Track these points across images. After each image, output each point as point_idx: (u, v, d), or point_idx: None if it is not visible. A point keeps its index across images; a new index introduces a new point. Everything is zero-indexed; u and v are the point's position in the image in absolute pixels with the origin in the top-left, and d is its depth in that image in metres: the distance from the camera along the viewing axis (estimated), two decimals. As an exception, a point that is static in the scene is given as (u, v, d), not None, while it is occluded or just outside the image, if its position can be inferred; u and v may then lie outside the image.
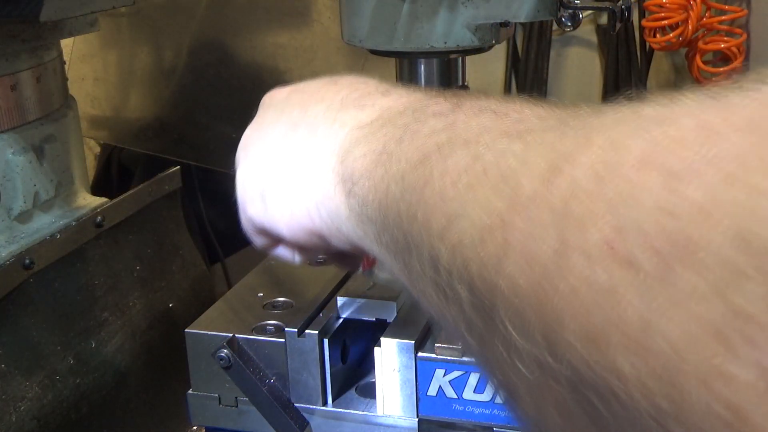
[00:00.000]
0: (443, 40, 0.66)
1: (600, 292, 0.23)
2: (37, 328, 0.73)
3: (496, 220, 0.28)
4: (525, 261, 0.26)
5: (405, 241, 0.37)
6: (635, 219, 0.22)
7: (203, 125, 1.25)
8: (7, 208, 0.74)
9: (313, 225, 0.48)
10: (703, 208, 0.21)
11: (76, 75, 1.25)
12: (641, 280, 0.22)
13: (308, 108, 0.50)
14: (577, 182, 0.25)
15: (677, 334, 0.21)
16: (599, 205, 0.24)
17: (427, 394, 0.61)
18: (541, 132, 0.31)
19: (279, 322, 0.67)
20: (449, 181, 0.33)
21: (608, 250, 0.23)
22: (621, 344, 0.22)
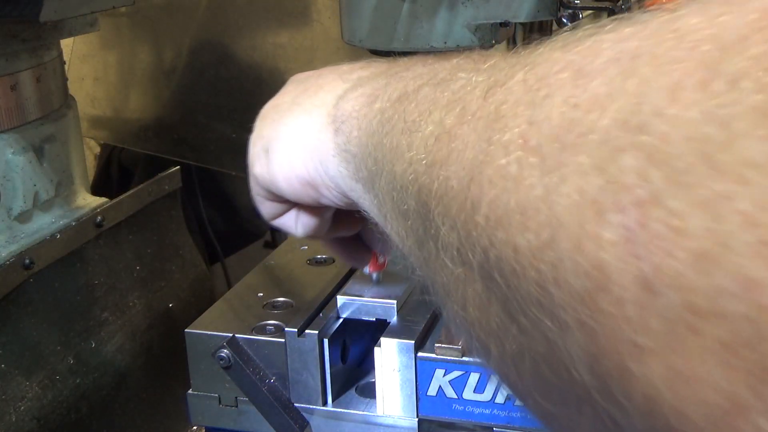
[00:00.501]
0: (443, 40, 0.66)
1: (510, 179, 0.26)
2: (37, 328, 0.73)
3: (444, 134, 0.32)
4: (458, 164, 0.30)
5: (374, 168, 0.40)
6: (546, 114, 0.25)
7: (203, 125, 1.24)
8: (7, 208, 0.74)
9: (307, 173, 0.50)
10: (598, 99, 0.23)
11: (76, 75, 1.25)
12: (542, 165, 0.24)
13: (322, 76, 0.55)
14: (509, 91, 0.28)
15: (562, 206, 0.23)
16: (521, 107, 0.27)
17: (427, 394, 0.61)
18: (497, 61, 0.34)
19: (279, 322, 0.67)
20: (415, 109, 0.36)
21: (522, 143, 0.26)
22: (519, 222, 0.25)
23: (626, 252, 0.21)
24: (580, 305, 0.22)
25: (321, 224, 0.58)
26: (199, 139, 1.26)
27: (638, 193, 0.21)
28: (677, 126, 0.20)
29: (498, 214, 0.26)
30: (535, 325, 0.25)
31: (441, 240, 0.31)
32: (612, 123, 0.22)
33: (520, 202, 0.25)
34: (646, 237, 0.20)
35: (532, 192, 0.25)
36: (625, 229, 0.21)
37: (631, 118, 0.22)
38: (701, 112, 0.20)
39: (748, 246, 0.18)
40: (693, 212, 0.20)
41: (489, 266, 0.27)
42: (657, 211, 0.20)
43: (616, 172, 0.22)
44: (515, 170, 0.25)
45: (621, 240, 0.21)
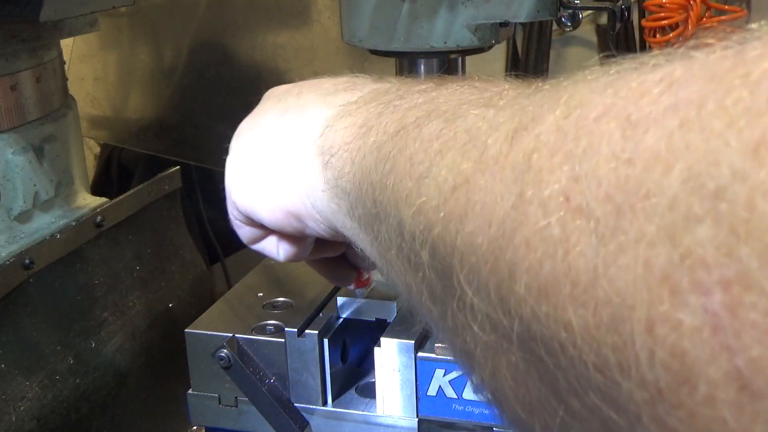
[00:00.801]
0: (443, 40, 0.66)
1: (552, 243, 0.23)
2: (37, 328, 0.73)
3: (460, 180, 0.28)
4: (484, 218, 0.26)
5: (375, 211, 0.37)
6: (592, 169, 0.22)
7: (203, 125, 1.24)
8: (7, 208, 0.74)
9: (291, 205, 0.48)
10: (658, 155, 0.20)
11: (76, 75, 1.25)
12: (593, 229, 0.21)
13: (302, 95, 0.51)
14: (539, 138, 0.25)
15: (625, 281, 0.20)
16: (558, 157, 0.24)
17: (427, 394, 0.61)
18: (514, 98, 0.31)
19: (279, 322, 0.67)
20: (421, 148, 0.33)
21: (564, 201, 0.23)
22: (570, 295, 0.22)
23: (715, 342, 0.18)
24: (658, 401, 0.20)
25: (303, 249, 0.55)
26: (199, 139, 1.26)
27: (723, 272, 0.18)
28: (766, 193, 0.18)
29: (541, 283, 0.23)
30: (593, 412, 0.22)
31: (466, 303, 0.28)
32: (681, 185, 0.19)
33: (570, 272, 0.22)
34: (737, 325, 0.18)
35: (583, 261, 0.22)
36: (711, 314, 0.18)
37: (706, 181, 0.19)
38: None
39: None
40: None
41: (531, 341, 0.24)
42: (749, 294, 0.18)
43: (691, 244, 0.19)
44: (559, 234, 0.23)
45: (706, 327, 0.18)
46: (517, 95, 0.31)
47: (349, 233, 0.44)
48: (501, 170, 0.26)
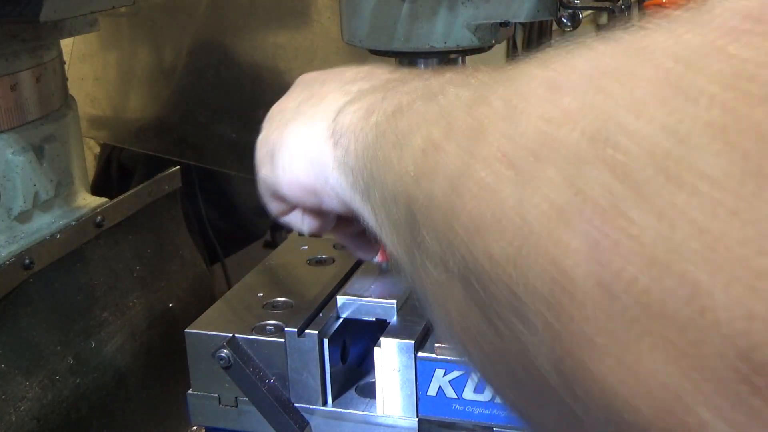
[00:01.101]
0: (443, 40, 0.66)
1: (488, 190, 0.27)
2: (37, 328, 0.73)
3: (430, 147, 0.34)
4: (443, 176, 0.31)
5: (370, 181, 0.43)
6: (522, 128, 0.27)
7: (203, 125, 1.24)
8: (7, 208, 0.74)
9: (309, 181, 0.53)
10: (570, 114, 0.25)
11: (76, 75, 1.25)
12: (517, 177, 0.26)
13: (325, 83, 0.57)
14: (491, 106, 0.30)
15: (533, 216, 0.25)
16: (501, 121, 0.28)
17: (427, 394, 0.61)
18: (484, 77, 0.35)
19: (279, 322, 0.67)
20: (407, 123, 0.38)
21: (500, 156, 0.27)
22: (496, 231, 0.26)
23: (590, 259, 0.22)
24: (547, 309, 0.24)
25: (326, 222, 0.61)
26: (199, 139, 1.26)
27: (602, 204, 0.22)
28: (639, 141, 0.22)
29: (476, 224, 0.28)
30: (509, 328, 0.26)
31: (426, 249, 0.32)
32: (580, 137, 0.24)
33: (496, 212, 0.26)
34: (607, 245, 0.22)
35: (506, 203, 0.26)
36: (589, 238, 0.22)
37: (597, 134, 0.23)
38: (661, 127, 0.21)
39: (695, 253, 0.20)
40: (649, 222, 0.21)
41: (468, 273, 0.29)
42: (618, 220, 0.22)
43: (582, 184, 0.23)
44: (493, 182, 0.27)
45: (585, 247, 0.22)
46: (488, 74, 0.36)
47: (356, 206, 0.48)
48: (460, 134, 0.31)
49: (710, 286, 0.19)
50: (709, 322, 0.19)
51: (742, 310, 0.19)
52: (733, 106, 0.20)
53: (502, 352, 0.28)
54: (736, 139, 0.19)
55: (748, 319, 0.19)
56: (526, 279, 0.25)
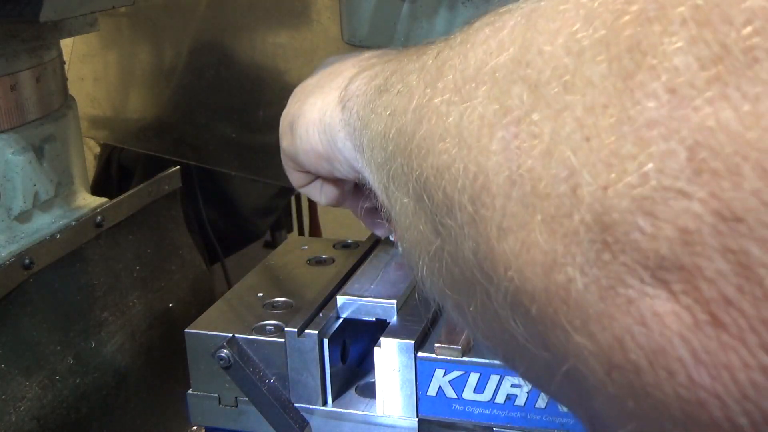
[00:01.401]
0: (443, 40, 0.66)
1: (439, 115, 0.31)
2: (37, 328, 0.73)
3: (405, 88, 0.38)
4: (411, 110, 0.35)
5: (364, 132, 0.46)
6: (469, 63, 0.31)
7: (203, 125, 1.24)
8: (6, 208, 0.74)
9: (322, 148, 0.57)
10: (504, 44, 0.29)
11: (76, 75, 1.25)
12: (461, 101, 0.30)
13: (344, 62, 0.61)
14: (452, 49, 0.34)
15: (468, 130, 0.29)
16: (457, 60, 0.32)
17: (427, 394, 0.61)
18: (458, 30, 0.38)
19: (279, 322, 0.67)
20: (398, 78, 0.42)
21: (453, 88, 0.31)
22: (440, 148, 0.31)
23: (503, 158, 0.27)
24: (470, 203, 0.28)
25: (342, 194, 0.65)
26: (199, 139, 1.26)
27: (516, 113, 0.26)
28: (549, 59, 0.26)
29: (427, 145, 0.32)
30: (446, 228, 0.31)
31: (394, 177, 0.37)
32: (508, 61, 0.28)
33: (442, 132, 0.31)
34: (515, 144, 0.26)
35: (450, 122, 0.30)
36: (504, 141, 0.27)
37: (521, 57, 0.27)
38: (565, 47, 0.25)
39: (575, 142, 0.24)
40: (546, 121, 0.25)
41: (420, 189, 0.33)
42: (525, 124, 0.26)
43: (505, 99, 0.27)
44: (443, 108, 0.31)
45: (501, 149, 0.27)
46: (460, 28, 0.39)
47: (359, 166, 0.52)
48: (427, 74, 0.36)
49: (581, 168, 0.23)
50: (577, 196, 0.23)
51: (599, 182, 0.23)
52: (614, 25, 0.24)
53: (442, 252, 0.32)
54: (614, 50, 0.23)
55: (603, 189, 0.23)
56: (457, 182, 0.29)
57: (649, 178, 0.22)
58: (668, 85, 0.22)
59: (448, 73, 0.33)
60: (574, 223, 0.24)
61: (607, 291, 0.23)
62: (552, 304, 0.25)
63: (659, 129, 0.22)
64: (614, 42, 0.24)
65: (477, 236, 0.28)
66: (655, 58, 0.22)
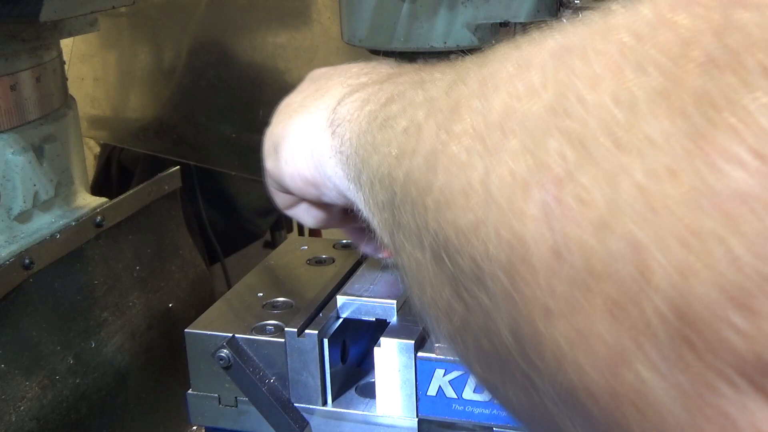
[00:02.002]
0: (443, 40, 0.66)
1: (459, 164, 0.28)
2: (37, 328, 0.73)
3: (412, 126, 0.35)
4: (420, 152, 0.32)
5: (360, 166, 0.43)
6: (492, 104, 0.27)
7: (203, 125, 1.24)
8: (6, 208, 0.74)
9: (309, 173, 0.54)
10: (534, 88, 0.25)
11: (76, 75, 1.25)
12: (485, 151, 0.27)
13: (331, 78, 0.58)
14: (467, 85, 0.31)
15: (495, 186, 0.25)
16: (475, 99, 0.29)
17: (427, 394, 0.61)
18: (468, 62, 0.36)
19: (279, 322, 0.67)
20: (397, 109, 0.39)
21: (471, 132, 0.28)
22: (463, 204, 0.27)
23: (543, 225, 0.23)
24: (505, 276, 0.25)
25: (330, 216, 0.62)
26: (199, 139, 1.26)
27: (557, 171, 0.23)
28: (593, 110, 0.23)
29: (446, 198, 0.29)
30: (474, 297, 0.27)
31: (404, 227, 0.34)
32: (542, 110, 0.25)
33: (464, 185, 0.27)
34: (559, 210, 0.23)
35: (474, 175, 0.27)
36: (544, 204, 0.23)
37: (557, 105, 0.24)
38: (612, 97, 0.22)
39: (637, 213, 0.20)
40: (597, 185, 0.22)
41: (438, 248, 0.29)
42: (570, 186, 0.22)
43: (542, 153, 0.24)
44: (464, 157, 0.28)
45: (540, 214, 0.23)
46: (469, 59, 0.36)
47: (351, 196, 0.49)
48: (439, 113, 0.32)
49: (649, 245, 0.20)
50: (647, 279, 0.20)
51: (676, 265, 0.19)
52: (675, 72, 0.21)
53: (469, 324, 0.29)
54: (676, 103, 0.20)
55: (682, 275, 0.19)
56: (487, 248, 0.25)
57: (742, 264, 0.18)
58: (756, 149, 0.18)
59: (466, 115, 0.29)
60: (645, 313, 0.20)
61: (692, 399, 0.19)
62: (620, 408, 0.21)
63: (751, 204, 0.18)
64: (677, 94, 0.20)
65: (516, 314, 0.25)
66: (734, 115, 0.19)
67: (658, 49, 0.21)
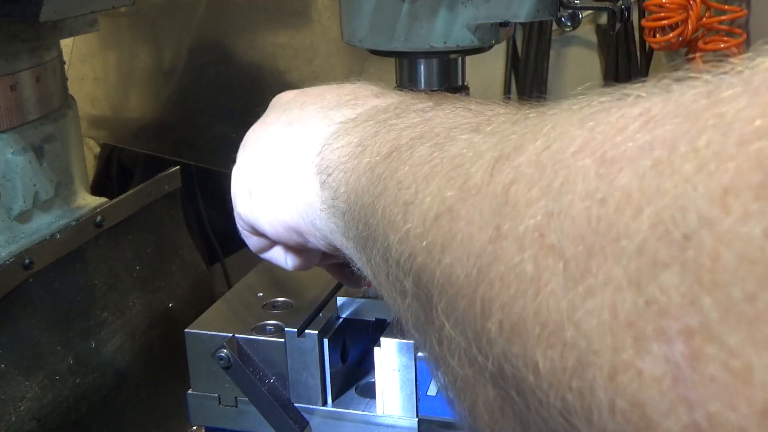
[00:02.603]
0: (443, 40, 0.66)
1: (525, 281, 0.22)
2: (37, 328, 0.73)
3: (443, 209, 0.28)
4: (463, 250, 0.26)
5: (366, 234, 0.37)
6: (566, 206, 0.22)
7: (203, 125, 1.24)
8: (6, 208, 0.74)
9: (291, 220, 0.48)
10: (629, 196, 0.20)
11: (76, 75, 1.25)
12: (563, 270, 0.21)
13: (306, 107, 0.51)
14: (519, 170, 0.25)
15: (591, 326, 0.20)
16: (535, 191, 0.23)
17: (427, 394, 0.61)
18: (501, 124, 0.30)
19: (279, 322, 0.67)
20: (410, 172, 0.33)
21: (538, 237, 0.22)
22: (539, 336, 0.22)
23: (674, 393, 0.18)
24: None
25: (310, 258, 0.57)
26: (199, 139, 1.26)
27: (686, 321, 0.18)
28: (731, 242, 0.17)
29: (513, 322, 0.23)
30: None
31: (446, 338, 0.28)
32: (649, 229, 0.19)
33: (540, 312, 0.22)
34: (697, 377, 0.17)
35: (553, 302, 0.21)
36: (672, 365, 0.18)
37: (673, 226, 0.18)
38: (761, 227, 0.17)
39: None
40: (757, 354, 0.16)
41: (504, 380, 0.24)
42: (711, 347, 0.17)
43: (656, 291, 0.18)
44: (532, 271, 0.22)
45: (667, 377, 0.18)
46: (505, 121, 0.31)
47: (346, 252, 0.44)
48: (481, 201, 0.26)
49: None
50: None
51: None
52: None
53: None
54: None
55: None
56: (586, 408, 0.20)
57: None
58: None
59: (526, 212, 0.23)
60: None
61: None
62: None
63: None
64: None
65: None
66: None
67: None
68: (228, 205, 0.57)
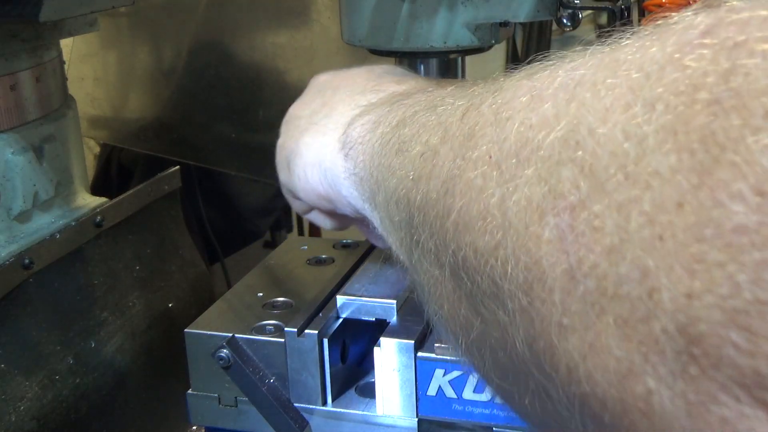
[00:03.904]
0: (443, 40, 0.66)
1: (476, 190, 0.30)
2: (36, 328, 0.73)
3: (428, 151, 0.36)
4: (437, 176, 0.34)
5: (375, 188, 0.45)
6: (507, 133, 0.29)
7: (203, 125, 1.24)
8: (6, 208, 0.74)
9: (322, 189, 0.57)
10: (547, 120, 0.27)
11: (76, 75, 1.25)
12: (501, 178, 0.28)
13: (338, 90, 0.60)
14: (481, 114, 0.32)
15: (513, 211, 0.27)
16: (489, 127, 0.31)
17: (427, 394, 0.61)
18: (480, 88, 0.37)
19: (279, 322, 0.67)
20: (409, 132, 0.41)
21: (488, 159, 0.30)
22: (481, 227, 0.29)
23: (558, 249, 0.25)
24: (522, 294, 0.27)
25: (343, 220, 0.65)
26: (199, 139, 1.26)
27: (570, 200, 0.25)
28: (604, 143, 0.24)
29: (465, 221, 0.30)
30: (492, 314, 0.29)
31: (422, 246, 0.35)
32: (555, 141, 0.26)
33: (481, 209, 0.29)
34: (573, 236, 0.24)
35: (491, 200, 0.29)
36: (559, 230, 0.25)
37: (570, 137, 0.25)
38: (622, 131, 0.23)
39: (646, 241, 0.22)
40: (609, 214, 0.23)
41: (457, 267, 0.31)
42: (583, 214, 0.24)
43: (555, 182, 0.26)
44: (480, 182, 0.30)
45: (555, 239, 0.25)
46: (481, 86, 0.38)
47: (366, 214, 0.51)
48: (453, 139, 0.34)
49: (657, 270, 0.22)
50: (655, 301, 0.22)
51: (681, 289, 0.21)
52: (682, 111, 0.22)
53: (486, 338, 0.31)
54: (683, 139, 0.22)
55: (686, 297, 0.21)
56: (505, 269, 0.27)
57: (741, 290, 0.20)
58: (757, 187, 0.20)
59: (481, 142, 0.31)
60: (653, 331, 0.22)
61: (696, 407, 0.21)
62: (629, 415, 0.23)
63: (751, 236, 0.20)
64: (683, 131, 0.22)
65: (531, 329, 0.26)
66: (737, 154, 0.20)
67: (666, 88, 0.23)
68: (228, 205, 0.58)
